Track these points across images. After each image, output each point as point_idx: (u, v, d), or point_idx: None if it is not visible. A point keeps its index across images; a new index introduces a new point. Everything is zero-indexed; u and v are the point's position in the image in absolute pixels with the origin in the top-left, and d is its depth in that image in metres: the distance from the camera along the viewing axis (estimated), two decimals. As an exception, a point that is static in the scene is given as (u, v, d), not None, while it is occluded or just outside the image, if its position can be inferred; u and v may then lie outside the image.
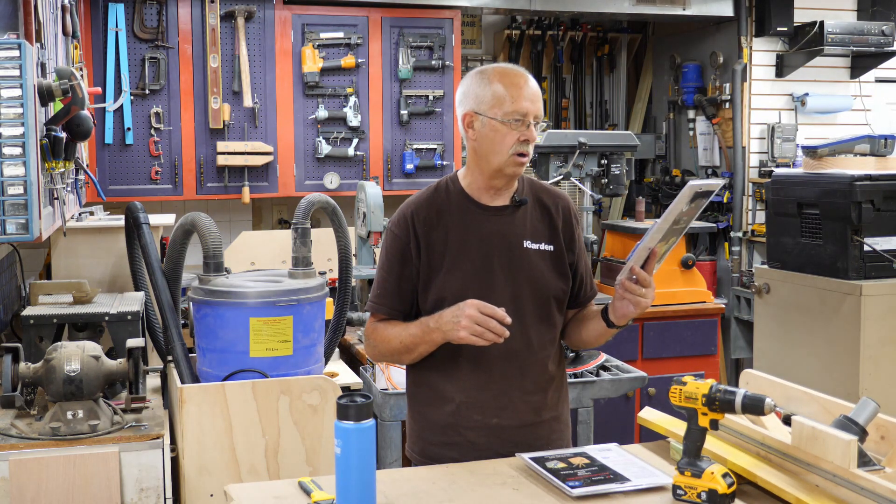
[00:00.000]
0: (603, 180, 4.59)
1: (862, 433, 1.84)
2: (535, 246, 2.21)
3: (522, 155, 2.13)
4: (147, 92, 4.77)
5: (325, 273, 3.39)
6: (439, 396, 2.20)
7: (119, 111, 4.73)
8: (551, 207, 2.26)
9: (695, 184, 1.93)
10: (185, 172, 4.85)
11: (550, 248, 2.23)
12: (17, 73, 2.19)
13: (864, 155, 3.94)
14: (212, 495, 2.62)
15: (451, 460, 2.11)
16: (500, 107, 2.11)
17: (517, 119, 2.11)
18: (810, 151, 3.95)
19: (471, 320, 2.00)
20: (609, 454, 2.05)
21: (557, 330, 2.27)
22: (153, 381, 3.14)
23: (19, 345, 2.70)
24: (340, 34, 5.01)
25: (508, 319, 2.01)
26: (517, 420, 2.19)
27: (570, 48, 6.24)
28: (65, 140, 2.51)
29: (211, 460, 2.63)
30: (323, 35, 4.98)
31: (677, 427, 2.07)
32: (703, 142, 5.83)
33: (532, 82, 2.15)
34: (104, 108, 4.63)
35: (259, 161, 4.89)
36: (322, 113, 5.00)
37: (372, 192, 4.18)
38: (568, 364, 3.46)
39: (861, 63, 5.60)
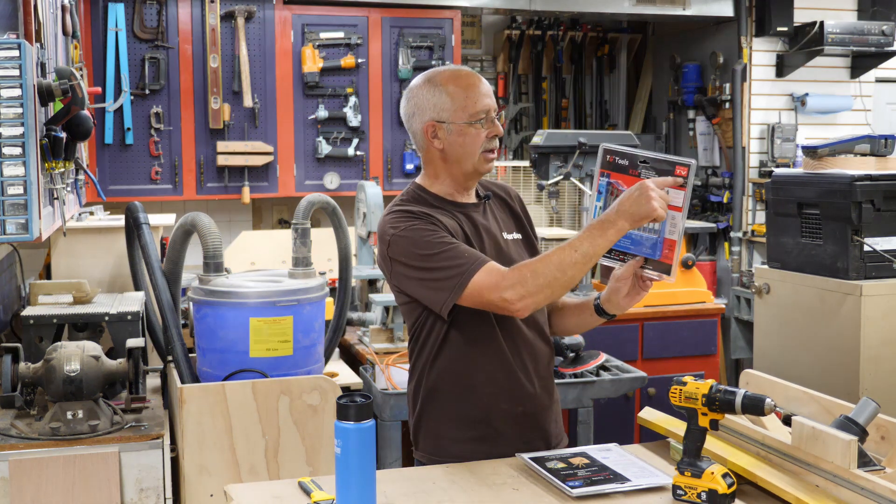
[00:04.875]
0: (603, 180, 4.58)
1: (862, 433, 1.84)
2: (510, 237, 2.25)
3: (491, 151, 2.17)
4: (147, 92, 4.77)
5: (325, 273, 3.39)
6: (468, 390, 2.16)
7: (119, 111, 4.73)
8: (506, 198, 2.32)
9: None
10: (185, 172, 4.85)
11: (520, 236, 2.28)
12: (17, 73, 2.18)
13: (864, 155, 3.93)
14: (212, 495, 2.62)
15: (483, 455, 2.09)
16: (463, 110, 2.13)
17: (482, 118, 2.14)
18: (810, 151, 3.94)
19: (653, 193, 1.91)
20: (609, 454, 2.05)
21: (545, 312, 2.30)
22: (153, 381, 3.14)
23: (19, 345, 2.70)
24: (340, 34, 5.01)
25: (661, 181, 1.96)
26: (538, 405, 2.20)
27: (570, 48, 6.24)
28: (65, 140, 2.51)
29: (211, 460, 2.63)
30: (323, 35, 4.99)
31: (677, 427, 2.07)
32: (703, 142, 5.83)
33: (482, 79, 2.20)
34: (104, 108, 4.63)
35: (259, 161, 4.89)
36: (322, 113, 5.00)
37: (372, 192, 4.18)
38: (568, 364, 3.46)
39: (861, 63, 5.61)
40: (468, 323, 2.12)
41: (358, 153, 5.07)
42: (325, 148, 5.01)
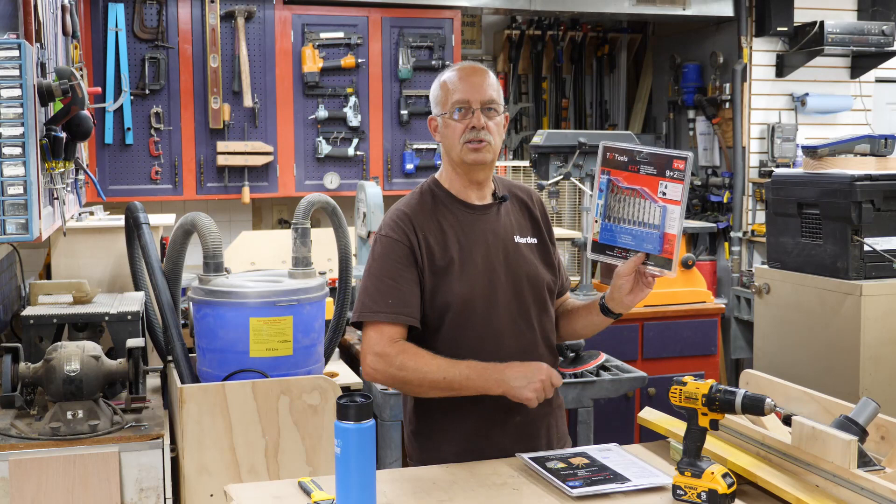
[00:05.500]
0: (603, 180, 4.58)
1: (862, 433, 1.85)
2: (523, 240, 2.24)
3: (477, 141, 2.14)
4: (147, 92, 4.77)
5: (325, 273, 3.39)
6: (464, 402, 2.15)
7: (119, 111, 4.73)
8: (527, 201, 2.31)
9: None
10: (185, 172, 4.85)
11: (535, 241, 2.27)
12: (17, 73, 2.18)
13: (864, 155, 3.93)
14: (212, 495, 2.62)
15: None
16: (445, 102, 2.17)
17: (460, 108, 2.14)
18: (810, 151, 3.95)
19: (542, 385, 2.03)
20: (609, 454, 2.05)
21: (553, 318, 2.29)
22: (153, 381, 3.14)
23: (19, 345, 2.69)
24: (340, 34, 5.01)
25: (560, 383, 2.10)
26: (537, 412, 2.19)
27: (570, 48, 6.24)
28: (65, 140, 2.51)
29: (211, 460, 2.63)
30: (323, 35, 4.99)
31: (677, 427, 2.07)
32: (703, 142, 5.83)
33: (478, 72, 2.18)
34: (104, 108, 4.63)
35: (259, 161, 4.89)
36: (322, 113, 5.00)
37: (372, 192, 4.18)
38: (568, 364, 3.46)
39: (861, 63, 5.61)
40: (455, 332, 2.13)
41: (358, 153, 5.07)
42: (325, 148, 5.01)
